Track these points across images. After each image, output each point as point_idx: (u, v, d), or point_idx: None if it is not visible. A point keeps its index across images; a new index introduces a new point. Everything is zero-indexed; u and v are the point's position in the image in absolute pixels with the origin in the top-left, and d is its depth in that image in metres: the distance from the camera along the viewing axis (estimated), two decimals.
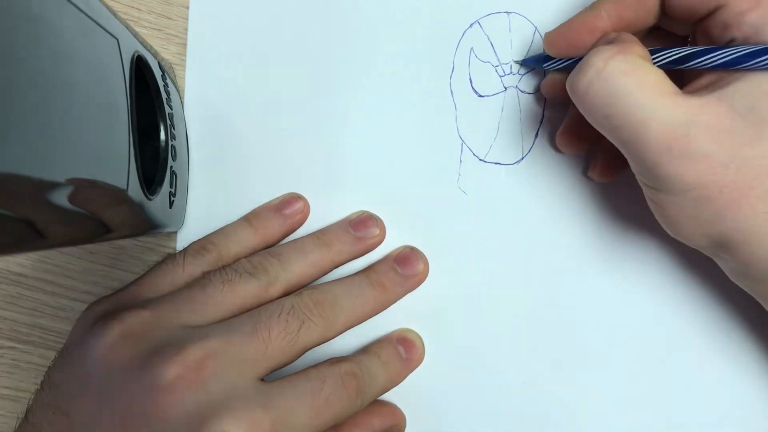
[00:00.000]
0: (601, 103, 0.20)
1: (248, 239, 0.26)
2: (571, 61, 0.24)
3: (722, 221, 0.20)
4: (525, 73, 0.28)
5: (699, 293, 0.28)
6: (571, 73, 0.21)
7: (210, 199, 0.28)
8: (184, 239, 0.28)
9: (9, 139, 0.13)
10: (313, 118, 0.28)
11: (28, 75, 0.14)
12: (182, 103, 0.28)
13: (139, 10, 0.28)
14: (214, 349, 0.21)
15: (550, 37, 0.24)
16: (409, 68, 0.28)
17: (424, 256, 0.28)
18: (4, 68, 0.13)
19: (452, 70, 0.28)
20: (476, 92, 0.28)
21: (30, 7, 0.15)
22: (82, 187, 0.17)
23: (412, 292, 0.27)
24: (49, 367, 0.23)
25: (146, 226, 0.23)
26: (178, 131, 0.26)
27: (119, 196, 0.20)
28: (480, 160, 0.28)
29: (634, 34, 0.23)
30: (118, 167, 0.20)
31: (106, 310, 0.23)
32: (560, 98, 0.26)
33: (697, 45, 0.22)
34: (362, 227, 0.27)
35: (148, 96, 0.24)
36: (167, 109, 0.25)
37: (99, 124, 0.18)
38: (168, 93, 0.25)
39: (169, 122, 0.25)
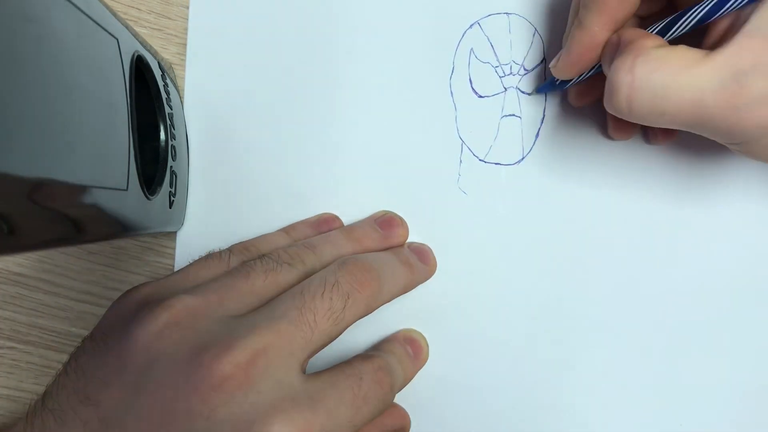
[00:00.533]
0: (649, 110, 0.20)
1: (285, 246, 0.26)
2: (586, 74, 0.25)
3: None
4: (525, 74, 0.28)
5: (700, 293, 0.28)
6: (605, 97, 0.21)
7: (210, 199, 0.28)
8: (184, 239, 0.28)
9: (8, 139, 0.13)
10: (313, 118, 0.28)
11: (28, 75, 0.14)
12: (182, 103, 0.28)
13: (139, 10, 0.28)
14: (263, 344, 0.20)
15: (556, 67, 0.24)
16: (409, 69, 0.28)
17: (433, 252, 0.28)
18: (4, 68, 0.13)
19: (452, 71, 0.28)
20: (476, 93, 0.28)
21: (30, 8, 0.15)
22: (82, 187, 0.17)
23: (410, 293, 0.27)
24: (73, 351, 0.22)
25: (146, 226, 0.23)
26: (178, 131, 0.26)
27: (119, 196, 0.20)
28: (480, 160, 0.28)
29: (627, 21, 0.23)
30: (118, 167, 0.20)
31: (150, 295, 0.22)
32: (592, 101, 0.26)
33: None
34: (388, 226, 0.27)
35: (148, 96, 0.24)
36: (167, 109, 0.25)
37: (99, 124, 0.18)
38: (168, 93, 0.25)
39: (169, 122, 0.25)
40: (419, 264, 0.27)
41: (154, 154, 0.24)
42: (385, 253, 0.26)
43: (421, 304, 0.28)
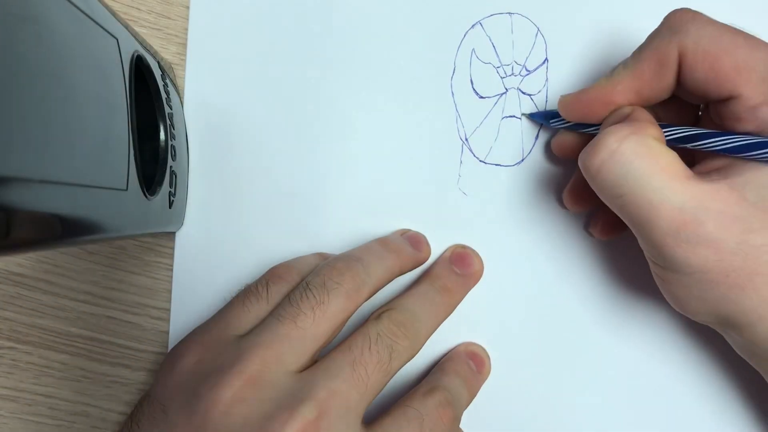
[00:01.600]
0: (612, 183, 0.21)
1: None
2: (579, 127, 0.25)
3: (727, 303, 0.21)
4: (527, 75, 0.28)
5: None
6: (584, 150, 0.21)
7: (210, 199, 0.28)
8: (183, 239, 0.28)
9: (8, 138, 0.13)
10: (314, 119, 0.28)
11: (27, 75, 0.14)
12: (182, 103, 0.28)
13: (139, 10, 0.27)
14: (324, 407, 0.21)
15: (565, 101, 0.24)
16: (410, 69, 0.28)
17: (476, 252, 0.28)
18: (3, 68, 0.13)
19: (453, 71, 0.28)
20: (477, 93, 0.28)
21: (30, 7, 0.14)
22: (81, 187, 0.17)
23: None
24: (132, 412, 0.23)
25: (146, 226, 0.23)
26: (177, 131, 0.26)
27: (119, 196, 0.20)
28: (480, 161, 0.28)
29: (649, 104, 0.23)
30: (117, 167, 0.20)
31: (203, 361, 0.23)
32: (568, 157, 0.26)
33: (709, 114, 0.22)
34: (417, 244, 0.27)
35: (148, 96, 0.24)
36: (167, 109, 0.25)
37: (99, 124, 0.18)
38: (168, 93, 0.25)
39: (168, 122, 0.25)
40: (460, 280, 0.27)
41: (154, 154, 0.24)
42: (417, 290, 0.26)
43: None
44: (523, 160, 0.28)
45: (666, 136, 0.22)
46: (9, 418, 0.28)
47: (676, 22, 0.21)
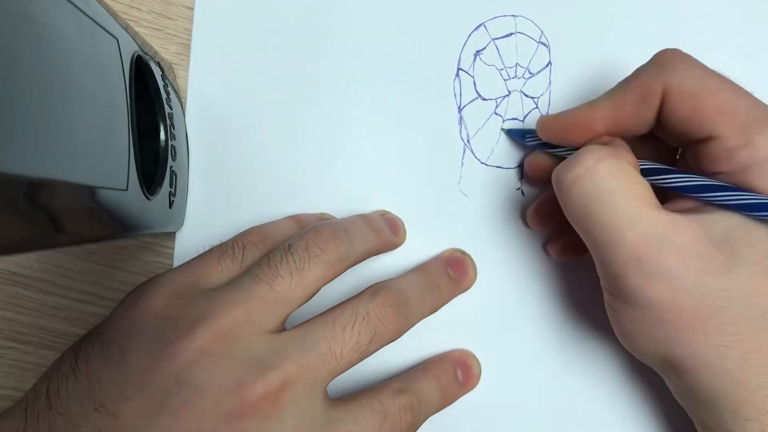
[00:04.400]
0: (583, 201, 0.21)
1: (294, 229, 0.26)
2: (554, 149, 0.25)
3: (676, 345, 0.21)
4: (530, 77, 0.28)
5: None
6: (561, 164, 0.21)
7: (210, 199, 0.28)
8: (183, 239, 0.28)
9: (8, 138, 0.13)
10: (315, 119, 0.28)
11: (27, 75, 0.14)
12: (182, 103, 0.28)
13: (139, 10, 0.27)
14: (291, 377, 0.20)
15: (544, 122, 0.24)
16: (413, 69, 0.28)
17: (473, 262, 0.28)
18: (3, 68, 0.13)
19: (456, 72, 0.28)
20: (480, 95, 0.28)
21: (30, 7, 0.14)
22: (82, 187, 0.17)
23: None
24: (79, 350, 0.21)
25: (146, 226, 0.23)
26: (177, 131, 0.26)
27: (119, 196, 0.20)
28: (482, 163, 0.28)
29: (627, 137, 0.23)
30: (117, 167, 0.19)
31: (169, 307, 0.22)
32: (540, 177, 0.26)
33: (686, 159, 0.23)
34: (395, 228, 0.27)
35: (148, 96, 0.24)
36: (167, 109, 0.25)
37: (99, 124, 0.18)
38: (168, 93, 0.25)
39: (168, 122, 0.25)
40: (451, 283, 0.27)
41: (154, 154, 0.24)
42: (411, 278, 0.26)
43: None
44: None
45: (656, 181, 0.22)
46: None
47: (664, 59, 0.21)
